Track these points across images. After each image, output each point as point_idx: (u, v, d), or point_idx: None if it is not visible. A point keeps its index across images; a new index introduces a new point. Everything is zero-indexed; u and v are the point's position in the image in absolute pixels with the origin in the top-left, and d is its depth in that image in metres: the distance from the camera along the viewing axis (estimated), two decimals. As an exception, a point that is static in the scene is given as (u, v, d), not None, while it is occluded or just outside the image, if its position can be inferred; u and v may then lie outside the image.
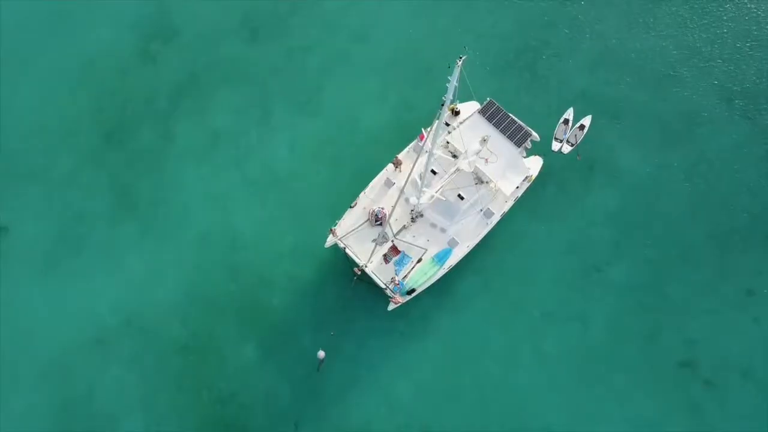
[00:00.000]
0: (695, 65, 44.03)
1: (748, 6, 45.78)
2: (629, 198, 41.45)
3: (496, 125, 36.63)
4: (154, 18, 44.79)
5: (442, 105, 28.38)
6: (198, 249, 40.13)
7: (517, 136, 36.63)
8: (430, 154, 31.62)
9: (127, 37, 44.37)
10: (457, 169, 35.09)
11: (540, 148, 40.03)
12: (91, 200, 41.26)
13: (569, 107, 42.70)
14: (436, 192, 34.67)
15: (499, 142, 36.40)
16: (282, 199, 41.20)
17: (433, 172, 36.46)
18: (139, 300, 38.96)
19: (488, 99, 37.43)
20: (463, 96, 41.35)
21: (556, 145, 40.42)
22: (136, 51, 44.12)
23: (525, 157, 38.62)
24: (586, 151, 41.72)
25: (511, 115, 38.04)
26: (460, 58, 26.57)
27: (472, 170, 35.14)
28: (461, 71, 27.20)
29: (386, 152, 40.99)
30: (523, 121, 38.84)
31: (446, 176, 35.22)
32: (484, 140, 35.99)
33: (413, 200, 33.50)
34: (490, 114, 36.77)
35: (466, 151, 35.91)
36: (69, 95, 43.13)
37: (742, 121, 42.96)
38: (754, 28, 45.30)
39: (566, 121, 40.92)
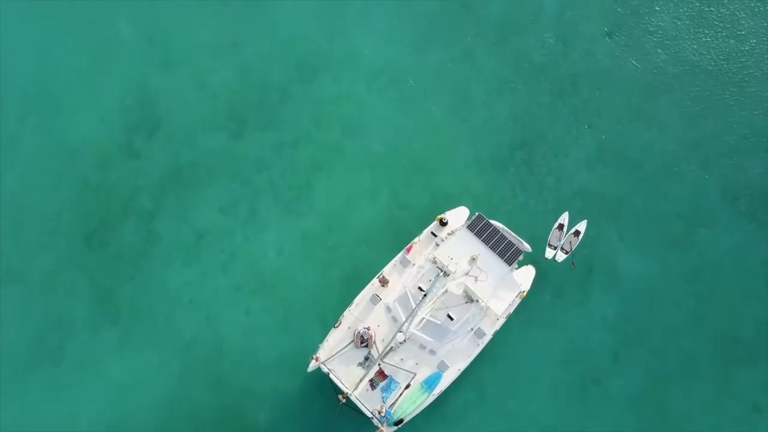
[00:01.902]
0: (697, 161, 43.33)
1: (753, 93, 44.58)
2: (629, 304, 40.80)
3: (486, 241, 36.03)
4: (138, 108, 44.44)
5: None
6: (181, 358, 39.70)
7: (507, 254, 35.98)
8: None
9: (111, 128, 43.98)
10: (446, 291, 34.27)
11: (533, 256, 39.53)
12: (71, 305, 40.81)
13: (566, 207, 42.20)
14: (425, 316, 33.90)
15: (489, 259, 35.84)
16: (269, 304, 40.73)
17: (421, 289, 35.63)
18: (120, 412, 38.78)
19: (477, 213, 36.86)
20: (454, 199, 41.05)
21: (549, 253, 39.69)
22: (119, 144, 43.68)
23: (517, 268, 37.59)
24: (583, 254, 41.03)
25: (501, 227, 37.74)
26: None
27: (461, 292, 34.32)
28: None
29: (377, 254, 40.99)
30: (514, 231, 38.52)
31: (434, 298, 34.42)
32: (473, 260, 35.19)
33: (400, 336, 32.80)
34: (479, 229, 36.17)
35: (454, 272, 35.10)
36: (49, 192, 42.70)
37: (746, 222, 42.14)
38: (760, 119, 44.13)
39: (561, 227, 40.16)
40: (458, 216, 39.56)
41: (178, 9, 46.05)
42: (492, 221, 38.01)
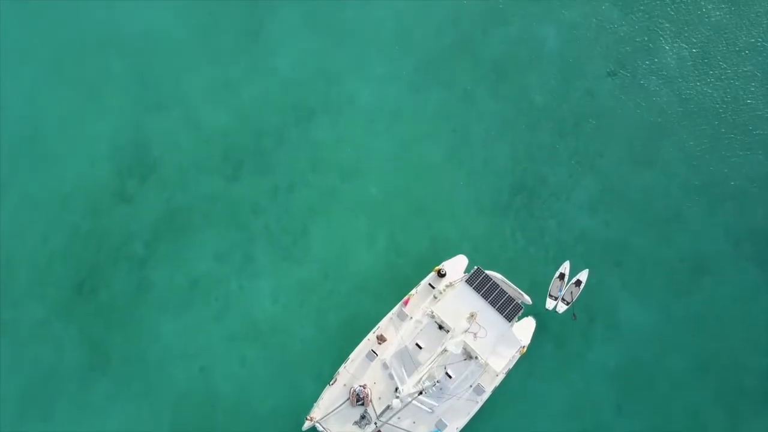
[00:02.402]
0: (701, 205, 42.63)
1: (758, 135, 43.85)
2: (631, 354, 40.28)
3: (485, 296, 35.39)
4: (130, 151, 43.67)
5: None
6: (175, 411, 39.39)
7: (507, 309, 35.32)
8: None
9: (102, 171, 43.25)
10: (444, 350, 33.55)
11: (533, 307, 38.92)
12: (61, 356, 40.23)
13: (567, 254, 41.89)
14: (422, 376, 33.19)
15: (488, 315, 35.32)
16: (264, 355, 40.20)
17: (418, 346, 34.90)
18: (111, 469, 37.48)
19: (476, 267, 36.12)
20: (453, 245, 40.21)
21: (550, 303, 38.98)
22: (111, 188, 42.96)
23: (517, 321, 36.85)
24: (585, 302, 40.41)
25: (500, 279, 37.33)
26: None
27: (460, 351, 33.58)
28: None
29: (374, 302, 40.59)
30: (514, 279, 38.24)
31: (432, 357, 33.70)
32: (472, 316, 34.44)
33: (397, 404, 32.03)
34: (477, 284, 35.51)
35: (453, 329, 34.42)
36: (39, 238, 41.99)
37: (751, 268, 41.37)
38: (766, 161, 43.33)
39: (562, 276, 39.39)
40: (457, 265, 38.83)
41: (172, 49, 45.27)
42: (491, 273, 37.31)
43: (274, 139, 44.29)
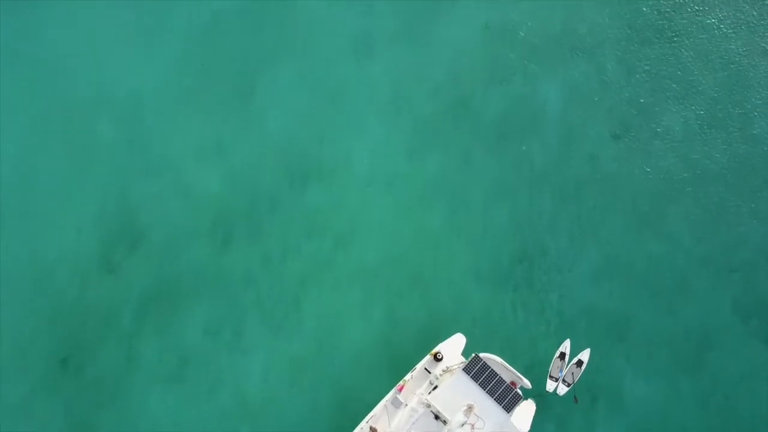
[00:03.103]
0: (708, 276, 41.27)
1: (765, 201, 42.35)
2: (636, 434, 38.38)
3: (483, 385, 34.36)
4: (118, 218, 42.36)
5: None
6: (163, 494, 37.31)
7: (506, 399, 34.06)
8: None
9: (89, 240, 41.89)
10: (443, 444, 32.36)
11: (533, 389, 37.63)
12: (46, 435, 38.33)
13: (569, 328, 40.97)
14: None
15: (486, 405, 34.22)
16: (255, 434, 38.37)
17: (416, 436, 33.75)
18: None
19: (474, 355, 34.95)
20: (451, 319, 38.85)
21: (551, 385, 37.81)
22: (98, 257, 41.56)
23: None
24: (588, 380, 39.19)
25: (499, 362, 36.41)
26: None
27: (457, 443, 32.35)
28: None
29: (369, 380, 39.32)
30: (514, 356, 37.72)
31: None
32: (469, 409, 33.13)
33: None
34: (475, 372, 34.26)
35: (450, 420, 33.11)
36: (23, 310, 40.59)
37: (759, 344, 40.21)
38: (772, 228, 42.06)
39: (562, 356, 38.10)
40: (454, 346, 37.75)
41: (162, 110, 43.96)
42: (489, 356, 36.35)
43: (266, 205, 42.99)
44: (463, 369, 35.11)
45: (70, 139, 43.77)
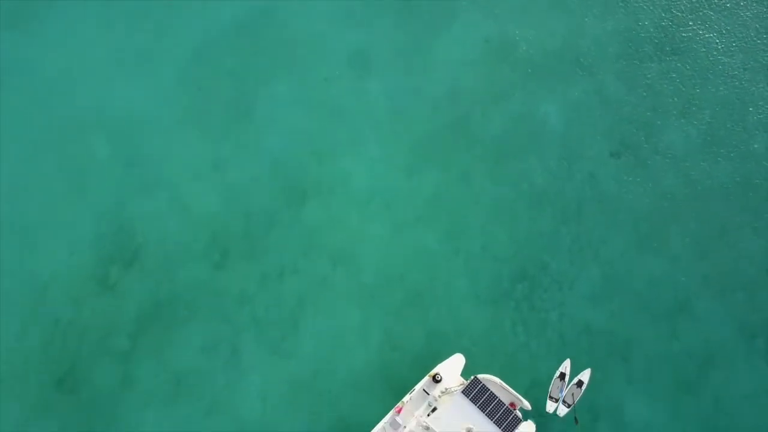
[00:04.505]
0: (710, 295, 40.78)
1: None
2: (638, 457, 37.69)
3: (482, 408, 34.03)
4: (113, 236, 42.21)
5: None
6: None
7: (505, 422, 33.51)
8: None
9: (84, 259, 41.61)
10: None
11: (533, 410, 37.04)
12: (40, 458, 37.77)
13: (570, 348, 40.17)
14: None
15: (485, 427, 33.70)
16: (252, 457, 37.78)
17: (414, 460, 33.15)
18: None
19: (473, 377, 34.57)
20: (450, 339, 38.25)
21: (551, 406, 37.23)
22: (93, 277, 41.30)
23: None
24: (589, 400, 38.50)
25: (498, 383, 36.06)
26: None
27: (457, 467, 31.76)
28: None
29: (367, 401, 38.92)
30: (514, 377, 37.32)
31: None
32: (468, 432, 32.72)
33: None
34: (474, 395, 33.85)
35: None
36: (17, 330, 40.25)
37: (764, 364, 39.69)
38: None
39: (562, 376, 37.48)
40: (453, 367, 37.24)
41: (158, 128, 43.73)
42: (488, 377, 36.03)
43: (263, 223, 42.64)
44: (462, 391, 34.58)
45: (65, 157, 43.80)
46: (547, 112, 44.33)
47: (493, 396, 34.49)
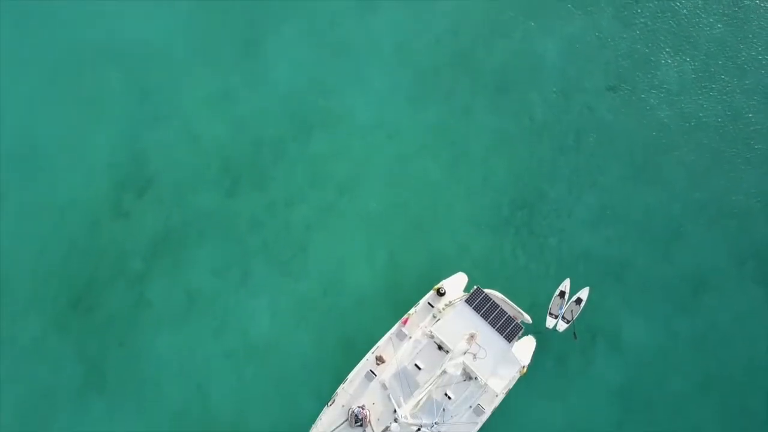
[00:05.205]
0: (703, 222, 42.20)
1: (761, 150, 43.25)
2: (633, 373, 40.03)
3: (485, 316, 34.97)
4: (128, 165, 43.30)
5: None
6: (171, 430, 38.38)
7: (507, 330, 34.92)
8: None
9: (99, 186, 42.76)
10: (444, 371, 32.98)
11: (533, 325, 38.71)
12: (58, 373, 39.73)
13: (568, 271, 41.71)
14: (420, 398, 32.62)
15: (488, 335, 34.97)
16: (262, 372, 39.87)
17: (417, 367, 34.37)
18: (107, 487, 36.93)
19: (475, 287, 35.73)
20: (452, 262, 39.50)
21: (550, 322, 38.54)
22: (108, 203, 42.48)
23: (517, 340, 36.37)
24: (586, 319, 39.96)
25: (500, 298, 37.34)
26: None
27: (459, 372, 33.01)
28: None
29: (373, 318, 40.27)
30: (514, 296, 38.40)
31: (431, 380, 33.13)
32: (471, 338, 33.87)
33: (395, 427, 31.49)
34: (477, 304, 35.09)
35: (453, 349, 33.86)
36: (35, 253, 41.59)
37: (755, 287, 40.93)
38: (767, 175, 42.78)
39: (562, 294, 38.87)
40: (456, 284, 38.41)
41: (170, 60, 44.96)
42: (491, 292, 37.01)
43: (271, 153, 43.84)
44: (465, 301, 35.71)
45: (80, 88, 44.86)
46: (546, 48, 45.69)
47: (495, 305, 35.79)
